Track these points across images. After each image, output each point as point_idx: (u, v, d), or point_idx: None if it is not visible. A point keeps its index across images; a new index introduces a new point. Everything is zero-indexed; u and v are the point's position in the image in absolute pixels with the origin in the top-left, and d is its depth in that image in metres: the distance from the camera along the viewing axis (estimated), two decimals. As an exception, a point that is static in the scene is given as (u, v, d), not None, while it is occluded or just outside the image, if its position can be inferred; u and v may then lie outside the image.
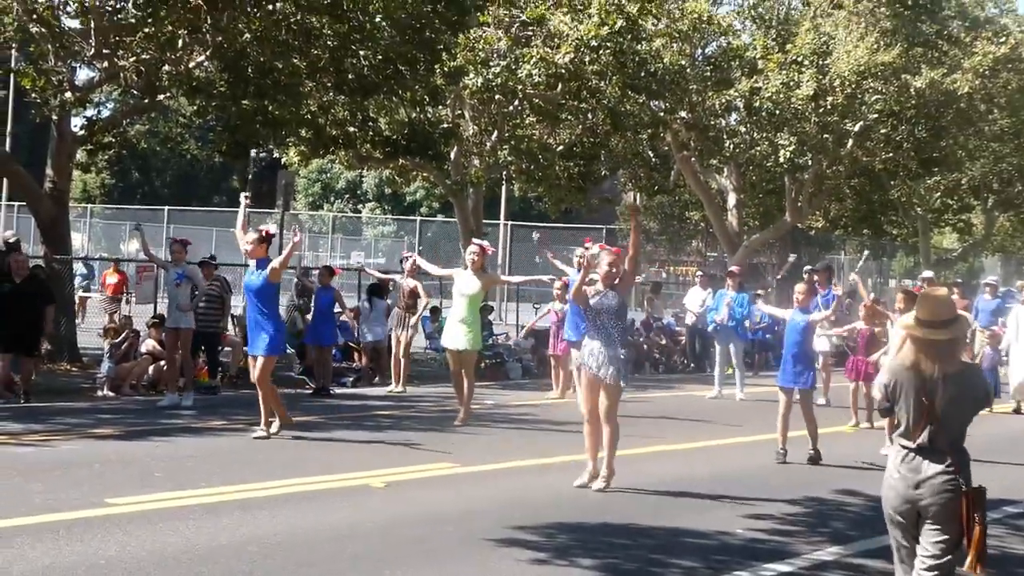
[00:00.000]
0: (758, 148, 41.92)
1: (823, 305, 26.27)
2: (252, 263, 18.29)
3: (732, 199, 46.69)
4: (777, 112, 40.10)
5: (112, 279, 34.40)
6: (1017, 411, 25.13)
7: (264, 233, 18.43)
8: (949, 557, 8.15)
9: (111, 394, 22.43)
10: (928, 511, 8.14)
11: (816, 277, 27.47)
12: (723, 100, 40.33)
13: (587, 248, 23.47)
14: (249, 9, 24.16)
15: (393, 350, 25.92)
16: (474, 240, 23.20)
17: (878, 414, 9.59)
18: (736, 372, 27.19)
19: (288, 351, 25.32)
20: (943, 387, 8.15)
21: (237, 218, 18.93)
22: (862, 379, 22.20)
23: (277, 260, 18.07)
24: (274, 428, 17.78)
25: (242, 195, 19.13)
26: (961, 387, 8.14)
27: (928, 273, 32.62)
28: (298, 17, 24.60)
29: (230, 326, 27.76)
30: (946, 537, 8.08)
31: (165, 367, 22.92)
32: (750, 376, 29.19)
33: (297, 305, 28.07)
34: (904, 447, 8.30)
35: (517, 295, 40.42)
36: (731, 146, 42.33)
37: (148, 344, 24.12)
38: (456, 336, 20.22)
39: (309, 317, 26.30)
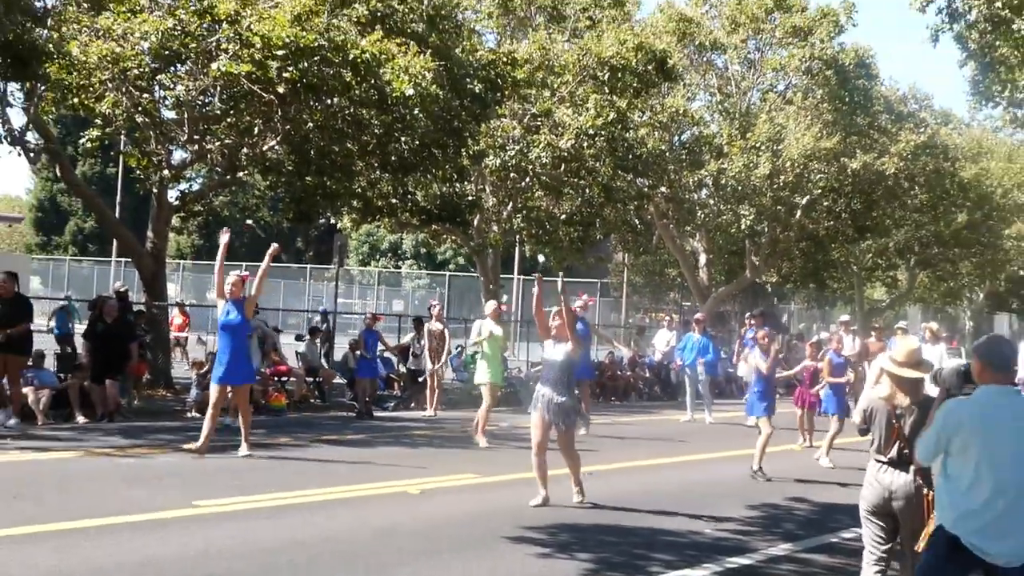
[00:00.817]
0: (724, 217, 42.13)
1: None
2: (228, 303, 17.05)
3: (703, 259, 46.76)
4: (739, 188, 40.35)
5: (178, 319, 34.43)
6: None
7: (241, 277, 17.68)
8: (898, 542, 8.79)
9: (198, 415, 22.39)
10: (899, 510, 8.62)
11: (753, 320, 27.77)
12: (695, 178, 40.59)
13: (583, 299, 23.65)
14: (312, 103, 24.19)
15: (428, 381, 25.88)
16: (493, 300, 23.73)
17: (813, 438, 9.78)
18: (704, 400, 27.09)
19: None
20: (910, 414, 8.65)
21: (217, 257, 17.15)
22: (807, 407, 22.06)
23: (247, 299, 17.14)
24: (243, 451, 16.78)
25: (223, 233, 17.27)
26: (924, 414, 8.39)
27: (903, 323, 32.59)
28: (351, 110, 24.63)
29: (294, 360, 27.81)
30: (911, 529, 8.53)
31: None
32: (716, 403, 29.05)
33: (352, 345, 28.10)
34: (878, 460, 8.76)
35: (528, 336, 40.34)
36: (702, 215, 42.54)
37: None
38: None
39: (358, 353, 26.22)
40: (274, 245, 17.60)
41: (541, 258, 44.14)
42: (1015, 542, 7.20)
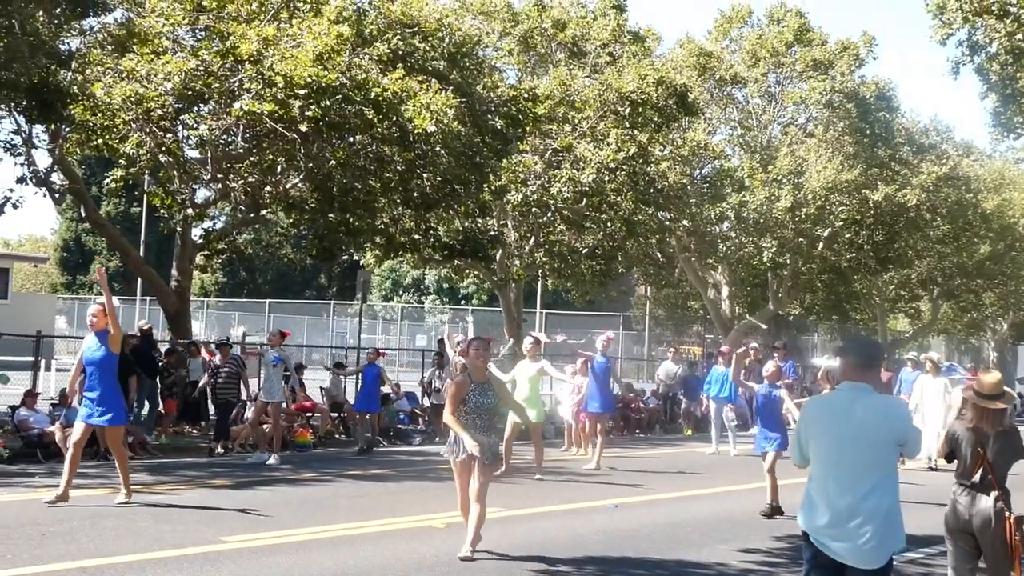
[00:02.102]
0: (746, 250, 42.19)
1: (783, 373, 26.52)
2: (93, 337, 15.50)
3: (725, 291, 46.72)
4: (761, 221, 40.39)
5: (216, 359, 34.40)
6: (932, 468, 24.11)
7: (104, 307, 15.63)
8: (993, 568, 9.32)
9: (223, 451, 22.46)
10: (980, 532, 9.24)
11: (776, 353, 27.71)
12: (717, 211, 40.59)
13: (606, 335, 23.72)
14: (334, 141, 24.36)
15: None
16: (531, 333, 23.36)
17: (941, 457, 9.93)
18: (729, 432, 27.01)
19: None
20: (993, 441, 9.39)
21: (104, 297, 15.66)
22: None
23: (111, 327, 15.40)
24: (120, 498, 15.27)
25: (95, 267, 16.68)
26: (1007, 442, 9.38)
27: (933, 354, 32.47)
28: (373, 147, 24.79)
29: (319, 396, 27.86)
30: (993, 552, 9.16)
31: (248, 428, 22.71)
32: (741, 436, 28.96)
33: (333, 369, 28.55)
34: (962, 484, 9.45)
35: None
36: (724, 248, 42.58)
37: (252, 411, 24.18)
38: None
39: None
40: (97, 267, 16.25)
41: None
42: (860, 542, 7.16)
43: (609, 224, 35.09)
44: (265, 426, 22.33)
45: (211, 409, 24.73)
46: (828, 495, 7.26)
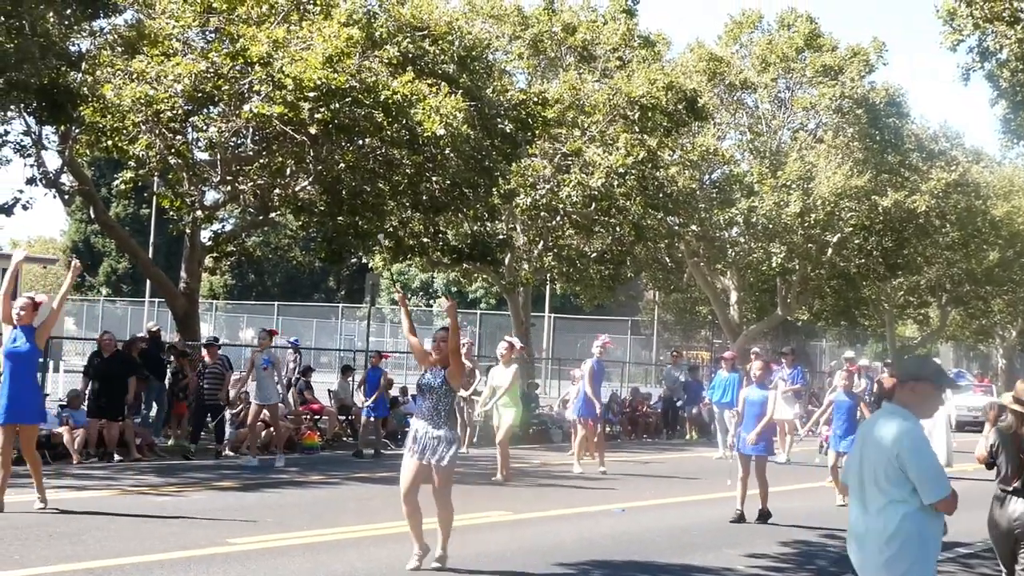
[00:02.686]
0: (754, 255, 42.21)
1: (790, 381, 26.28)
2: (16, 330, 14.41)
3: (734, 296, 46.70)
4: (770, 226, 40.38)
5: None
6: None
7: (34, 300, 14.93)
8: None
9: (231, 454, 22.47)
10: (1020, 535, 9.36)
11: (784, 359, 27.57)
12: (726, 216, 40.59)
13: (602, 340, 23.48)
14: (343, 144, 24.38)
15: (458, 418, 25.86)
16: (506, 338, 22.55)
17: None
18: (731, 437, 26.75)
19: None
20: None
21: (5, 280, 14.57)
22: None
23: (41, 323, 14.56)
24: (38, 504, 14.35)
25: (16, 251, 16.25)
26: None
27: (850, 353, 32.33)
28: (382, 150, 24.82)
29: (327, 399, 27.85)
30: None
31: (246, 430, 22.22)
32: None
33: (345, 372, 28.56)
34: (1003, 491, 9.49)
35: (559, 374, 40.28)
36: (733, 254, 42.60)
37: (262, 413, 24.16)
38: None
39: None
40: (75, 263, 15.18)
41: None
42: (866, 566, 6.91)
43: (618, 228, 35.09)
44: (266, 430, 22.38)
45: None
46: (850, 518, 7.18)
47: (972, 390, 43.96)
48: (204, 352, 23.86)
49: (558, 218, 34.56)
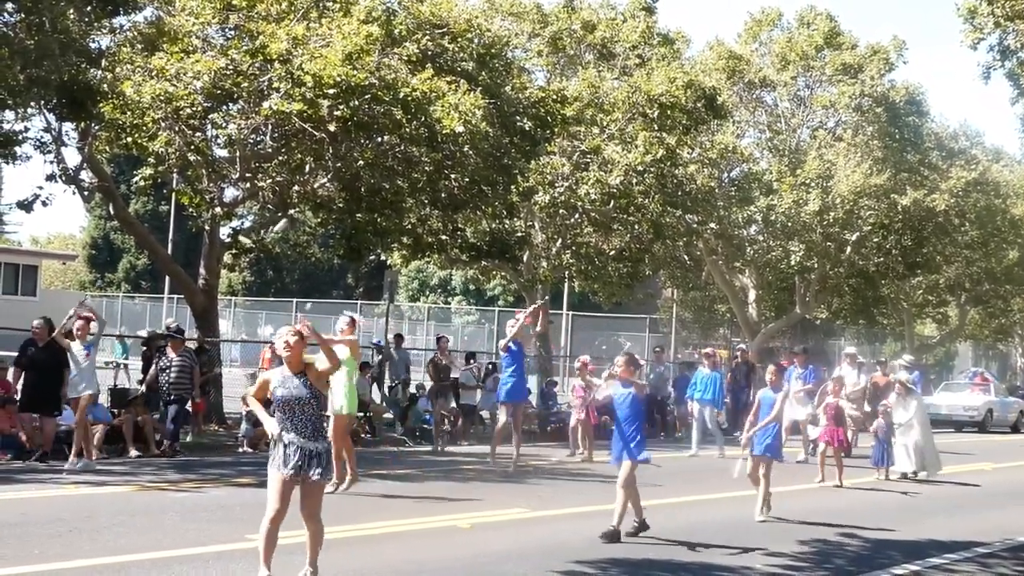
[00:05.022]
0: (773, 253, 42.15)
1: (803, 381, 26.13)
2: None
3: (752, 295, 46.62)
4: (789, 224, 40.34)
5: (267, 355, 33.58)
6: (905, 476, 22.84)
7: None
8: None
9: (249, 450, 22.49)
10: None
11: (796, 359, 27.42)
12: (745, 214, 40.54)
13: (519, 316, 22.79)
14: (362, 141, 24.38)
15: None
16: (345, 312, 19.93)
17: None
18: (715, 436, 26.42)
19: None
20: None
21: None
22: (838, 445, 21.34)
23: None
24: None
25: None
26: None
27: (851, 348, 32.01)
28: (401, 147, 24.79)
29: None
30: None
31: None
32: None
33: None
34: None
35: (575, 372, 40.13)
36: (751, 252, 42.53)
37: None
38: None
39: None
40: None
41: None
42: None
43: (636, 226, 35.04)
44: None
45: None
46: None
47: (970, 389, 43.88)
48: (169, 346, 22.69)
49: (576, 216, 34.53)
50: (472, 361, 29.79)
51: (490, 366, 30.50)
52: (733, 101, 41.72)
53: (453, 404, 27.96)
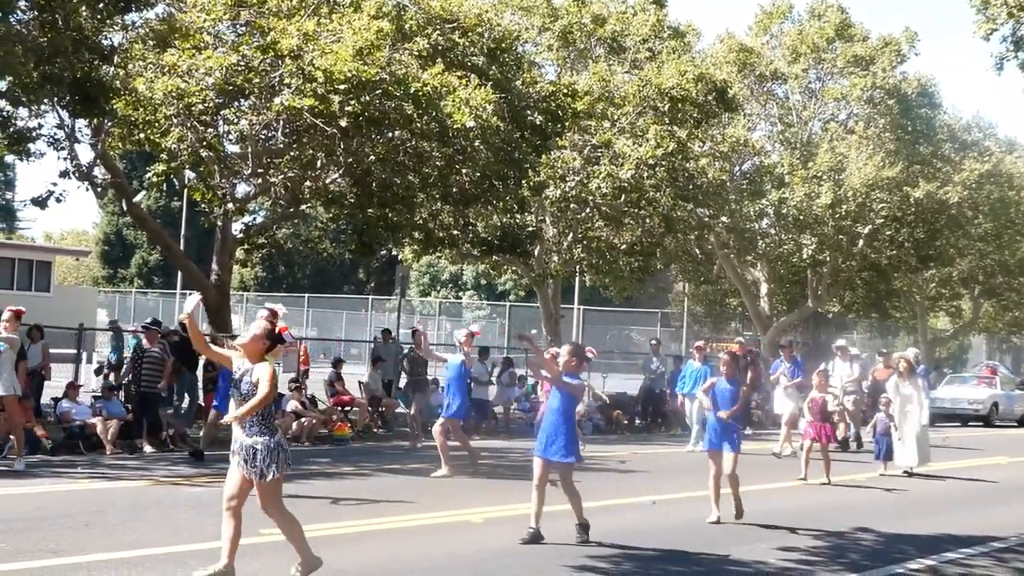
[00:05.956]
0: (785, 247, 42.13)
1: (790, 375, 25.97)
2: None
3: (764, 288, 46.61)
4: (801, 218, 40.32)
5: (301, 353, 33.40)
6: (911, 473, 22.29)
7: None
8: None
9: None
10: None
11: (782, 351, 27.34)
12: (756, 208, 40.52)
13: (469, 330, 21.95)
14: (373, 136, 24.44)
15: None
16: (266, 305, 19.91)
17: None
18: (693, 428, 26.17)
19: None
20: None
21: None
22: (822, 440, 20.50)
23: None
24: None
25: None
26: None
27: (841, 341, 31.72)
28: (412, 143, 24.85)
29: (358, 391, 27.94)
30: None
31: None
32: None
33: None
34: None
35: (589, 365, 40.09)
36: (763, 245, 42.52)
37: (291, 404, 24.25)
38: None
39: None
40: None
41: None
42: None
43: (648, 220, 35.09)
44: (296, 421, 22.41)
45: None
46: None
47: (975, 382, 43.71)
48: (143, 337, 22.26)
49: (588, 210, 34.58)
50: (486, 356, 29.81)
51: (504, 361, 30.60)
52: (744, 94, 41.72)
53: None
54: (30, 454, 19.35)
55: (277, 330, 10.60)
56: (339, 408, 26.16)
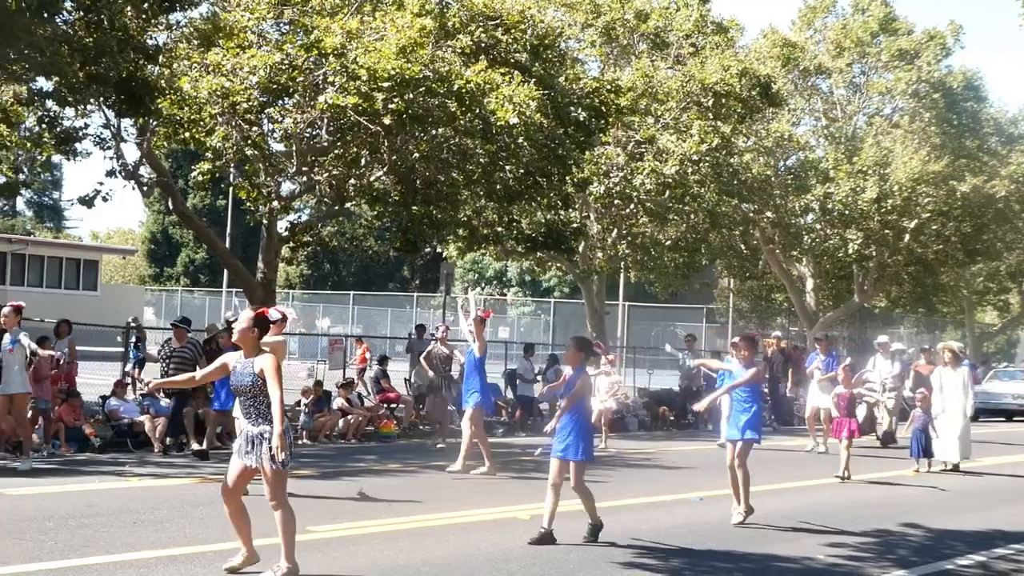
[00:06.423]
0: (831, 242, 41.96)
1: (824, 368, 25.67)
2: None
3: (810, 283, 46.45)
4: (846, 212, 40.11)
5: (358, 351, 33.41)
6: (954, 469, 21.86)
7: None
8: None
9: (308, 442, 22.64)
10: None
11: (818, 345, 27.12)
12: (801, 203, 40.36)
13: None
14: (417, 134, 24.42)
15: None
16: (278, 308, 19.27)
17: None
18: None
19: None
20: None
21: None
22: (842, 436, 20.18)
23: None
24: None
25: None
26: None
27: (883, 337, 31.26)
28: (456, 140, 24.83)
29: (404, 389, 27.98)
30: None
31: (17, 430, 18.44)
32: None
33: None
34: None
35: (634, 362, 40.12)
36: (808, 240, 42.30)
37: (338, 402, 24.34)
38: None
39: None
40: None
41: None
42: None
43: (692, 216, 35.02)
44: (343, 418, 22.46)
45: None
46: None
47: (1021, 377, 42.99)
48: (173, 335, 21.79)
49: (632, 206, 34.49)
50: (531, 354, 29.78)
51: (549, 358, 30.55)
52: (788, 89, 41.54)
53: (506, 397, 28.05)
54: (79, 451, 19.51)
55: (260, 314, 10.61)
56: (385, 405, 26.21)
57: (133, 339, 27.62)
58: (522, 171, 26.17)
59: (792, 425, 31.39)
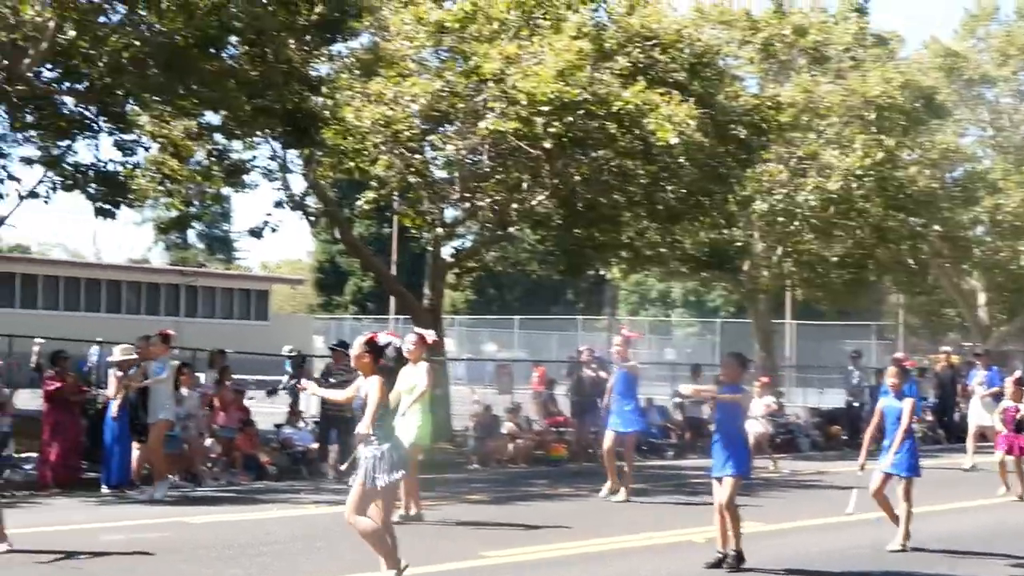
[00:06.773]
0: (1002, 254, 40.82)
1: (987, 383, 24.74)
2: None
3: (982, 297, 45.26)
4: (1017, 224, 38.99)
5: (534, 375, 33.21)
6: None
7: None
8: None
9: (479, 467, 22.57)
10: None
11: (979, 360, 26.25)
12: (970, 215, 39.39)
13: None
14: (578, 157, 24.33)
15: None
16: (415, 329, 18.46)
17: None
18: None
19: None
20: None
21: None
22: (1012, 453, 19.23)
23: None
24: None
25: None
26: None
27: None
28: (616, 161, 24.67)
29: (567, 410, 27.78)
30: None
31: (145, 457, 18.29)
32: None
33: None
34: None
35: (804, 381, 39.46)
36: (979, 253, 41.24)
37: (507, 426, 24.24)
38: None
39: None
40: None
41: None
42: None
43: (858, 231, 34.33)
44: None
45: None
46: None
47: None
48: (332, 357, 21.40)
49: (796, 223, 33.91)
50: (698, 375, 29.33)
51: (715, 380, 30.05)
52: (952, 99, 40.58)
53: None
54: (256, 480, 19.71)
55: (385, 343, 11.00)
56: (553, 429, 26.03)
57: (290, 368, 27.52)
58: (684, 191, 25.87)
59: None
